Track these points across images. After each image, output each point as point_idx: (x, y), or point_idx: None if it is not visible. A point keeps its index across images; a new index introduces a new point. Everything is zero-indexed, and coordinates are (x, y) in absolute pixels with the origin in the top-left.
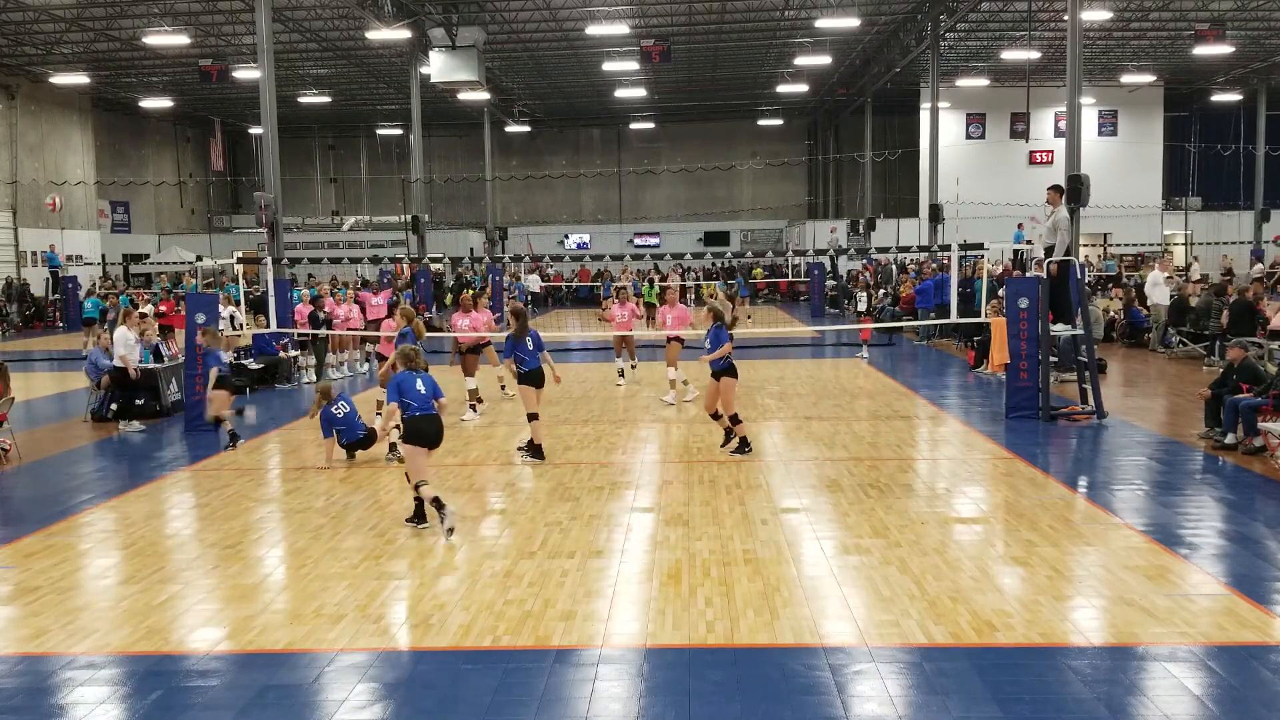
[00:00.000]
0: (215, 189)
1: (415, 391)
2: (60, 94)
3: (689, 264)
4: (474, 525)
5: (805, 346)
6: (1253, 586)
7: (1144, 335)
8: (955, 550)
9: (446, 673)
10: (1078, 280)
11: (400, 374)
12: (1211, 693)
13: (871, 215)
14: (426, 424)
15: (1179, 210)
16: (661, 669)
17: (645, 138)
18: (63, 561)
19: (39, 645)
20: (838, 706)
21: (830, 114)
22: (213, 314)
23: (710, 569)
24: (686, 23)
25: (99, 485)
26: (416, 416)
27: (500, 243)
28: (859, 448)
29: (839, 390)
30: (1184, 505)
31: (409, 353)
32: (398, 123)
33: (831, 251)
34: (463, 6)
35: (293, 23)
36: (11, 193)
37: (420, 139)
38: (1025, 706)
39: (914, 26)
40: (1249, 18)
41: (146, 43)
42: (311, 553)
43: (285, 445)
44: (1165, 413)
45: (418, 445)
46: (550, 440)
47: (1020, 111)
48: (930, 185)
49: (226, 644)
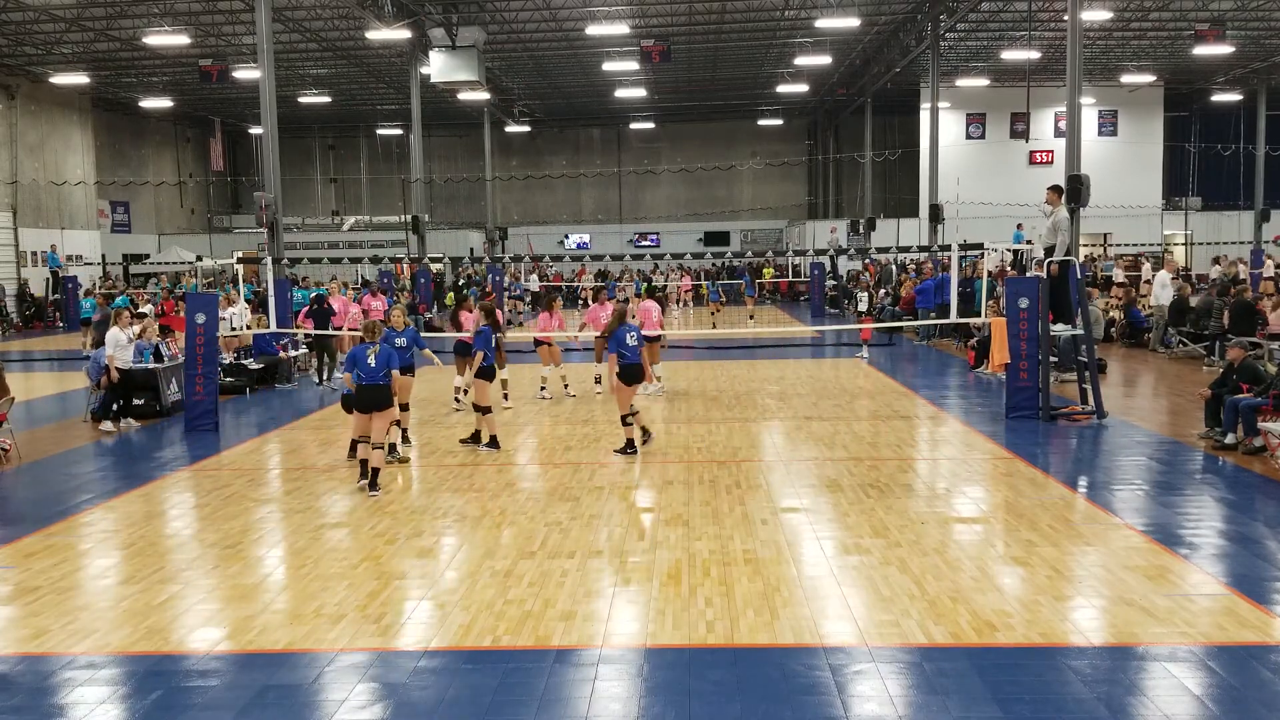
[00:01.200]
0: (215, 189)
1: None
2: (60, 94)
3: (689, 264)
4: (474, 525)
5: (805, 346)
6: (1253, 586)
7: (1144, 335)
8: (955, 550)
9: (446, 673)
10: (1078, 280)
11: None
12: (1211, 693)
13: (871, 215)
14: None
15: (1179, 210)
16: (661, 669)
17: (645, 138)
18: (63, 561)
19: (39, 645)
20: (838, 706)
21: (830, 114)
22: (213, 314)
23: (710, 569)
24: (686, 23)
25: (99, 485)
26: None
27: (500, 243)
28: (859, 448)
29: (839, 390)
30: (1184, 505)
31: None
32: (398, 123)
33: (831, 251)
34: (463, 6)
35: (293, 23)
36: (11, 193)
37: (420, 139)
38: (1025, 706)
39: (914, 26)
40: (1249, 18)
41: (146, 43)
42: (311, 553)
43: (285, 445)
44: (1165, 413)
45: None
46: (550, 440)
47: (1020, 111)
48: (930, 185)
49: (226, 644)
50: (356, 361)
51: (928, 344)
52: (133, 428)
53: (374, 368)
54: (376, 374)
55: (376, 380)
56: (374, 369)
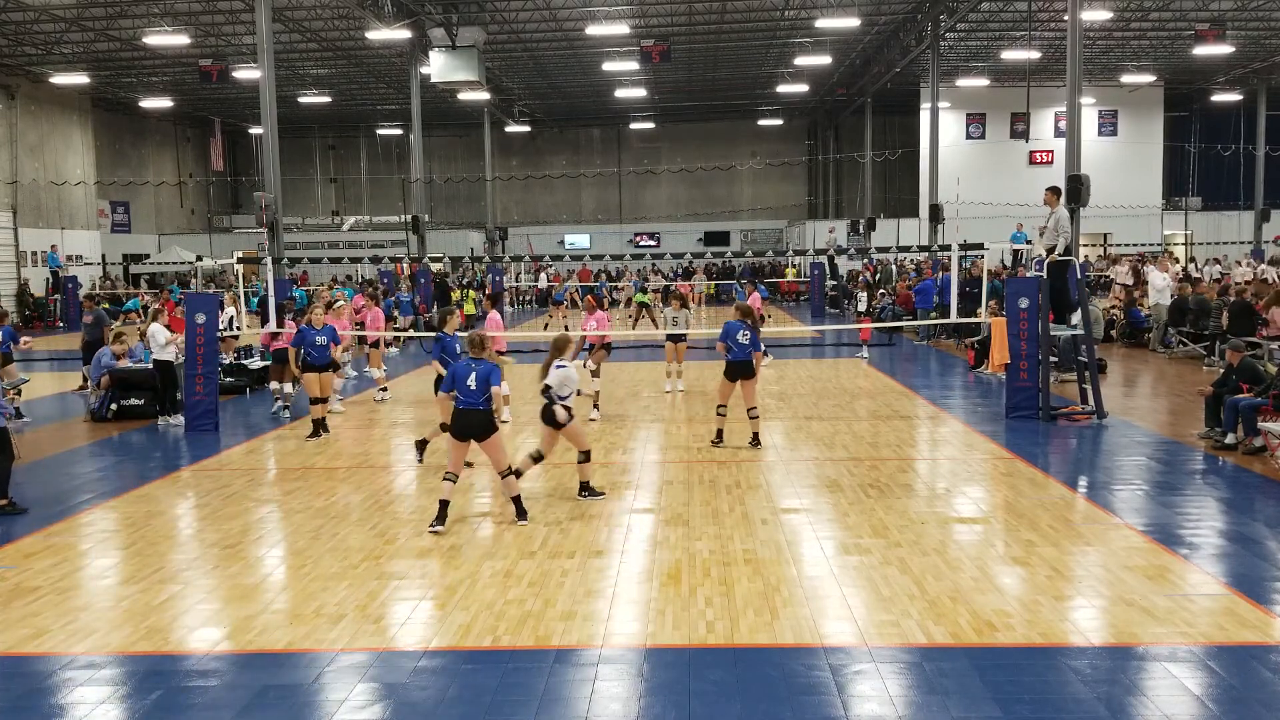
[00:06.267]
0: (215, 189)
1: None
2: (60, 94)
3: (692, 264)
4: (474, 525)
5: (805, 346)
6: (1253, 586)
7: (1144, 335)
8: (955, 550)
9: (446, 673)
10: (1078, 280)
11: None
12: (1211, 693)
13: (871, 215)
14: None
15: (1179, 210)
16: (661, 669)
17: (645, 138)
18: (63, 561)
19: (39, 645)
20: (838, 706)
21: (830, 114)
22: (213, 314)
23: (710, 569)
24: (686, 23)
25: (99, 485)
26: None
27: (500, 243)
28: (859, 448)
29: (839, 390)
30: (1184, 505)
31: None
32: (398, 123)
33: (831, 251)
34: (463, 6)
35: (293, 23)
36: (11, 193)
37: (420, 139)
38: (1025, 706)
39: (914, 26)
40: (1249, 18)
41: (146, 43)
42: (311, 553)
43: (285, 445)
44: (1165, 413)
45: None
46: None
47: (1020, 111)
48: (930, 185)
49: (226, 644)
50: (456, 380)
51: (928, 344)
52: (169, 424)
53: (475, 390)
54: (477, 398)
55: (476, 404)
56: (475, 391)
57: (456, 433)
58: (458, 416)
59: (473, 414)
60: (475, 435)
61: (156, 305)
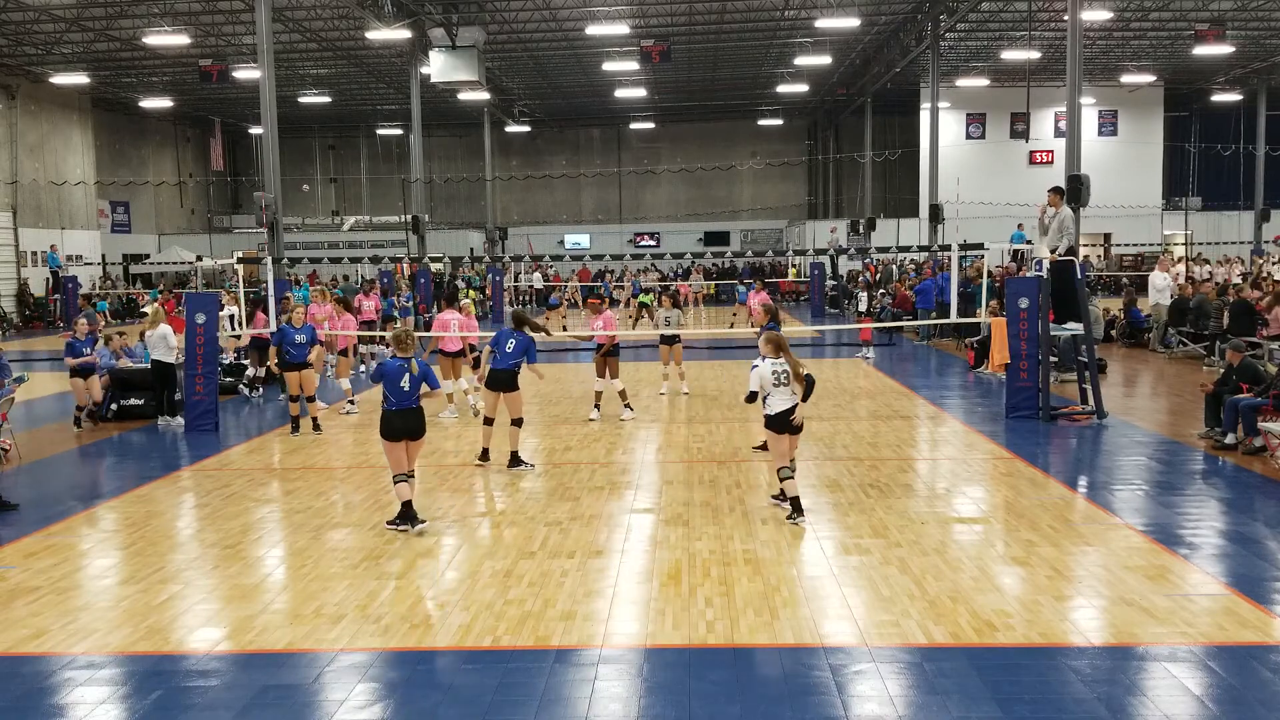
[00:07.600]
0: (215, 189)
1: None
2: (60, 94)
3: (694, 264)
4: (474, 525)
5: (805, 346)
6: (1253, 586)
7: (1144, 335)
8: (955, 550)
9: (446, 673)
10: (1079, 280)
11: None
12: (1211, 693)
13: (871, 215)
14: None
15: (1179, 210)
16: (661, 669)
17: (645, 138)
18: (63, 561)
19: (39, 645)
20: (838, 706)
21: (830, 114)
22: (213, 314)
23: (710, 569)
24: (686, 23)
25: (99, 485)
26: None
27: (500, 243)
28: (859, 448)
29: (839, 390)
30: (1184, 505)
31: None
32: (398, 123)
33: (831, 251)
34: (463, 6)
35: (293, 23)
36: (11, 193)
37: (420, 139)
38: (1025, 706)
39: (914, 26)
40: (1249, 18)
41: (146, 43)
42: (311, 553)
43: (285, 445)
44: (1165, 413)
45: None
46: (550, 440)
47: (1020, 111)
48: (930, 185)
49: (226, 644)
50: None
51: (928, 344)
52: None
53: (408, 391)
54: (411, 397)
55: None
56: (408, 392)
57: (389, 434)
58: (394, 417)
59: (410, 414)
60: (412, 435)
61: (157, 305)
